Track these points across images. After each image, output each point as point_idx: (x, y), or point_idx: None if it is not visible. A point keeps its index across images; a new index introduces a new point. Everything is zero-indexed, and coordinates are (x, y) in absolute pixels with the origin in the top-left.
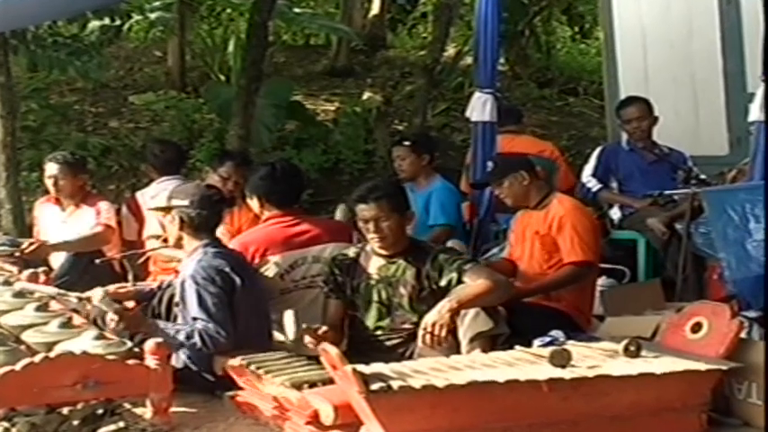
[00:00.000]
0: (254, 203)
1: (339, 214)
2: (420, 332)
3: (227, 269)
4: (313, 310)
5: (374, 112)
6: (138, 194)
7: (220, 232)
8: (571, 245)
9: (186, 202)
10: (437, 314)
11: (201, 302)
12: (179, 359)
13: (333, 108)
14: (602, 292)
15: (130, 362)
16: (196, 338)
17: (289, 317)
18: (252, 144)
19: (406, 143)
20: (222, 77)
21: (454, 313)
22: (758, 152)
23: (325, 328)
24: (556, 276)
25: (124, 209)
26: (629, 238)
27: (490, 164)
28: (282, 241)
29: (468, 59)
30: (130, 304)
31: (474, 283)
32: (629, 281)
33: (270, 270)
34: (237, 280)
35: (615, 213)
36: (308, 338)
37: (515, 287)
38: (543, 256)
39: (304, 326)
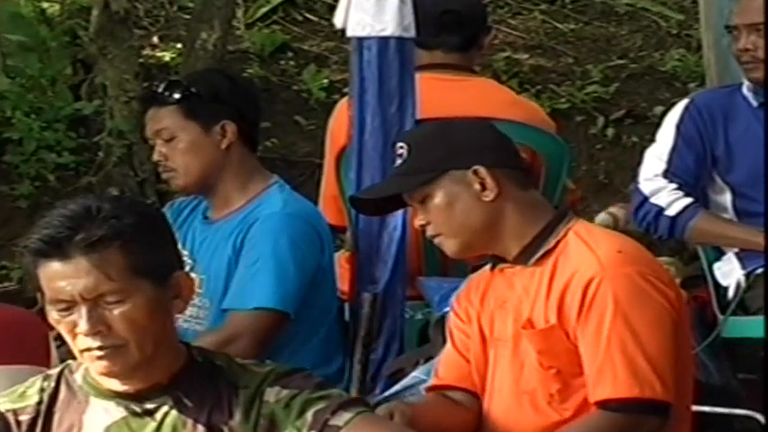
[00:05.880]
0: None
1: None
2: None
3: None
4: None
5: (94, 22)
6: None
7: None
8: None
9: None
10: None
11: None
12: None
13: None
14: None
15: None
16: None
17: None
18: None
19: (176, 97)
20: None
21: None
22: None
23: None
24: None
25: None
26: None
27: (401, 148)
28: None
29: None
30: None
31: None
32: None
33: None
34: None
35: (728, 271)
36: None
37: None
38: (548, 385)
39: None
